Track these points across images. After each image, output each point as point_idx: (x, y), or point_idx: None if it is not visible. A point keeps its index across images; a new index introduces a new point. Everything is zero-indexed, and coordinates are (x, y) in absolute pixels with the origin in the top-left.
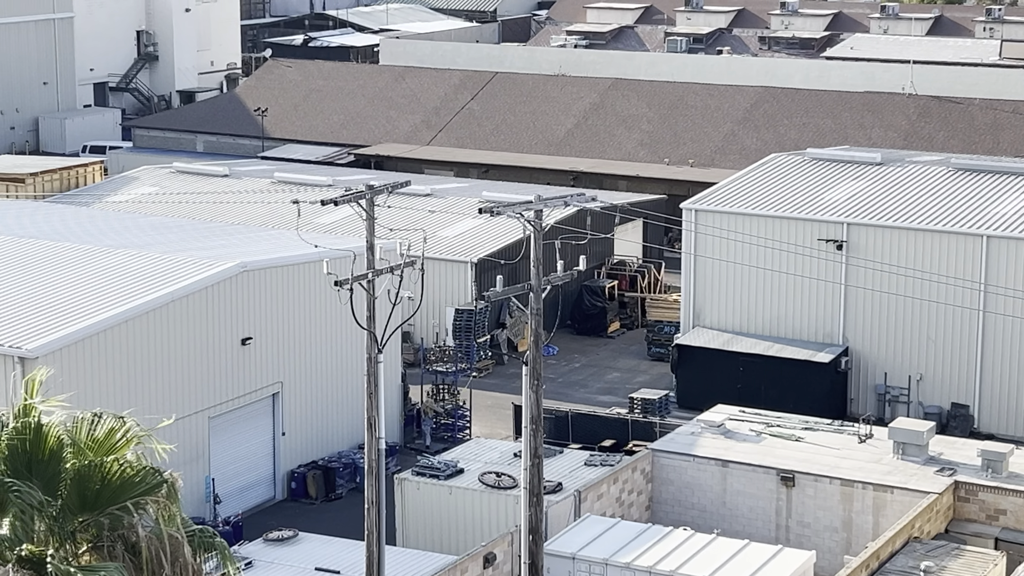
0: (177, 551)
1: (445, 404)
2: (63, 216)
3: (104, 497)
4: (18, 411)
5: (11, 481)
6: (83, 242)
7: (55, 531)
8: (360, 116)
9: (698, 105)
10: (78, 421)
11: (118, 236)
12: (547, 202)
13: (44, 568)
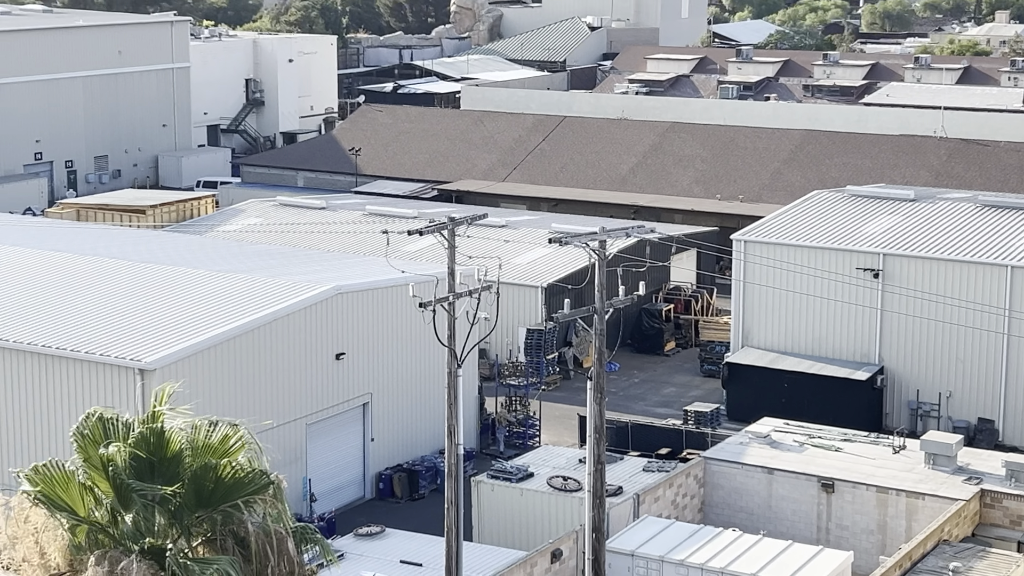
0: (282, 545)
1: (517, 414)
2: (179, 243)
3: (218, 496)
4: (146, 418)
5: (134, 481)
6: (196, 267)
7: (174, 526)
8: (443, 155)
9: (747, 146)
10: (197, 427)
11: (227, 262)
12: (610, 233)
13: (163, 559)
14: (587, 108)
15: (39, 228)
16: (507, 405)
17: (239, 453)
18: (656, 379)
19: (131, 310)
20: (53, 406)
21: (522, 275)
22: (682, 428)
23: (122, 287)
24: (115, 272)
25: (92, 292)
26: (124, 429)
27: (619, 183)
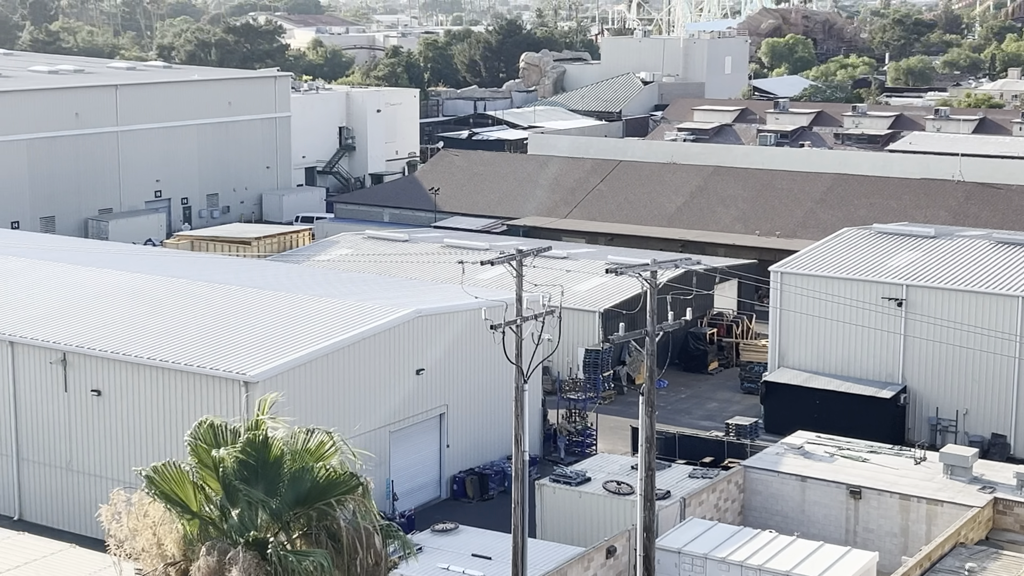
0: (369, 539)
1: (576, 425)
2: (279, 271)
3: (313, 495)
4: (250, 425)
5: (239, 484)
6: (294, 292)
7: (274, 521)
8: (512, 194)
9: (784, 188)
10: (295, 434)
11: (321, 288)
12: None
13: (265, 551)
14: (640, 153)
15: (158, 257)
16: (567, 417)
17: (333, 457)
18: (701, 395)
19: (238, 329)
20: (170, 413)
21: (581, 301)
22: (724, 439)
23: (230, 309)
24: (224, 296)
25: (204, 313)
26: (232, 435)
27: (668, 220)
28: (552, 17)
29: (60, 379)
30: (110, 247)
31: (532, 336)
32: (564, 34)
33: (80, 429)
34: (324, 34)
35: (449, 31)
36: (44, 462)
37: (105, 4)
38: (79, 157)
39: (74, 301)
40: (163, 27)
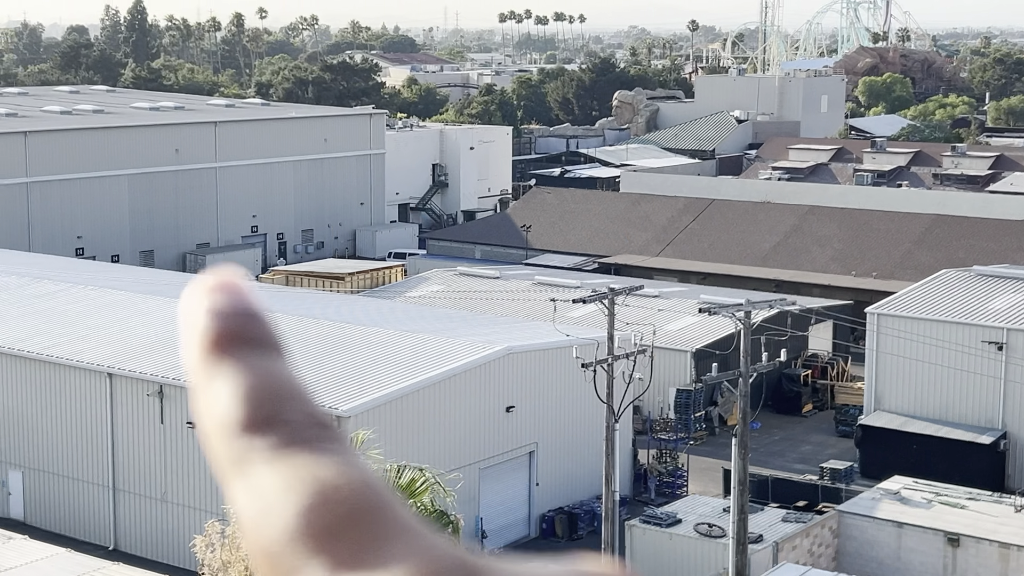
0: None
1: (667, 466)
2: (371, 307)
3: None
4: None
5: None
6: (386, 327)
7: None
8: (604, 232)
9: (881, 228)
10: (388, 470)
11: (413, 323)
12: (754, 305)
13: None
14: (734, 192)
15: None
16: (658, 457)
17: (424, 494)
18: (794, 438)
19: (330, 364)
20: None
21: (673, 340)
22: (818, 483)
23: (323, 344)
24: (317, 331)
25: (296, 347)
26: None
27: (762, 260)
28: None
29: (157, 411)
30: None
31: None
32: (658, 72)
33: (175, 461)
34: (419, 72)
35: (542, 69)
36: (139, 493)
37: (205, 42)
38: (178, 192)
39: (172, 334)
40: (261, 65)
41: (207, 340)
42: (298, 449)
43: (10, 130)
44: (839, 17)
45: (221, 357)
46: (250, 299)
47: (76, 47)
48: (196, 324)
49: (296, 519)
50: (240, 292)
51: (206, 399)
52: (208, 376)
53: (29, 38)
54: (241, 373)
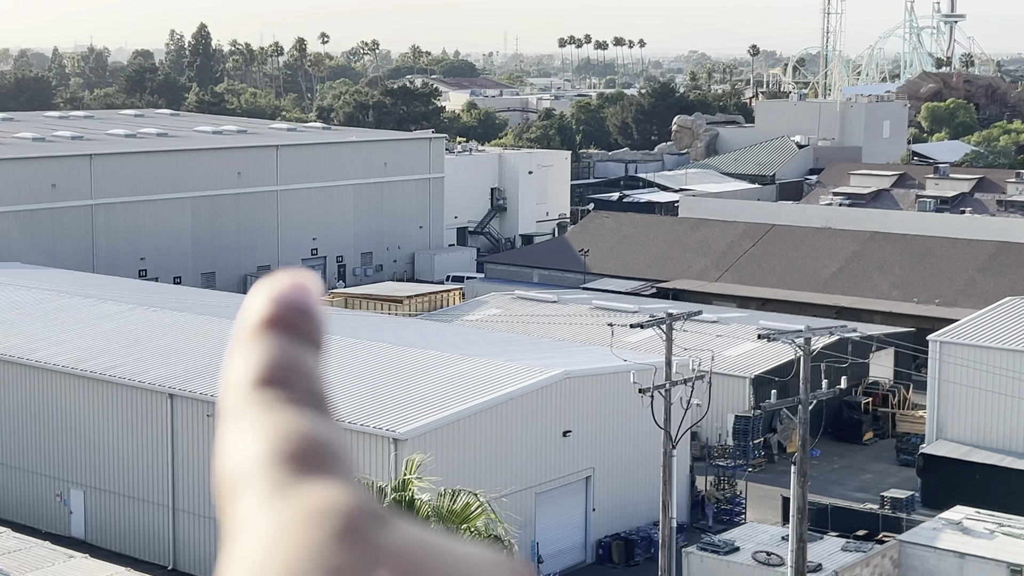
0: None
1: (725, 492)
2: (429, 330)
3: None
4: (397, 484)
5: None
6: (444, 351)
7: None
8: (662, 257)
9: (943, 255)
10: (442, 495)
11: (471, 347)
12: (815, 331)
13: None
14: (794, 217)
15: None
16: (716, 484)
17: (478, 519)
18: (854, 466)
19: (388, 386)
20: None
21: (732, 366)
22: (879, 512)
23: (381, 366)
24: (376, 353)
25: (356, 370)
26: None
27: (822, 286)
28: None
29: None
30: None
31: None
32: (717, 97)
33: None
34: (478, 96)
35: (602, 94)
36: (199, 513)
37: (268, 67)
38: (240, 215)
39: None
40: (323, 89)
41: (259, 319)
42: (289, 407)
43: (76, 153)
44: (902, 42)
45: (264, 334)
46: (311, 299)
47: (141, 71)
48: (256, 306)
49: (261, 448)
50: (304, 291)
51: (236, 360)
52: (247, 345)
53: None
54: (273, 347)
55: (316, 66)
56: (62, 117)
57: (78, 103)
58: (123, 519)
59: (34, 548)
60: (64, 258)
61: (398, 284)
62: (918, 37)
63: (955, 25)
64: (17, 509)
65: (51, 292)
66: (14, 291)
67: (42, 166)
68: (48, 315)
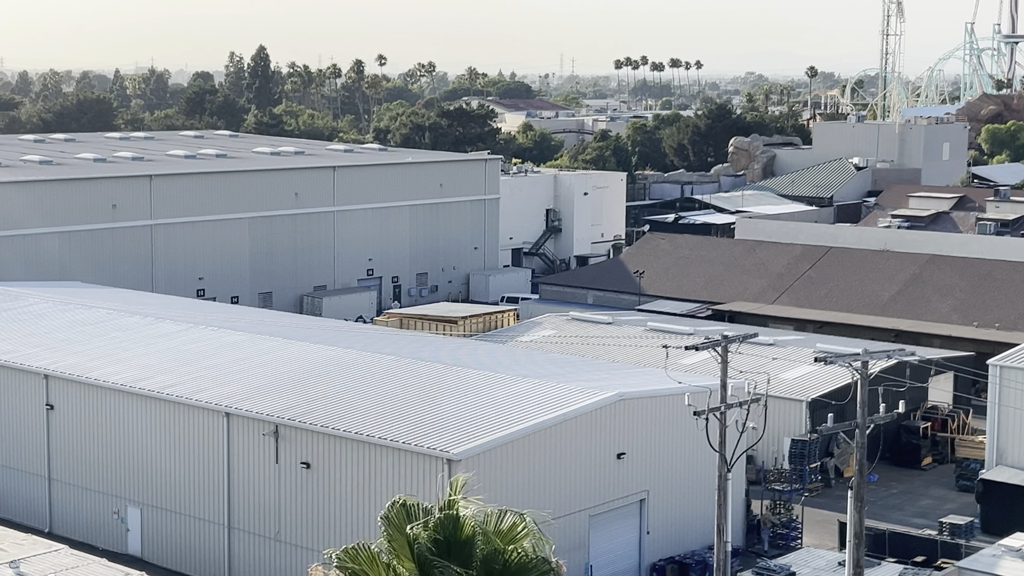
0: None
1: (781, 517)
2: (484, 350)
3: None
4: (444, 504)
5: (436, 559)
6: (498, 371)
7: None
8: (718, 279)
9: (1004, 279)
10: (489, 515)
11: (525, 368)
12: (873, 355)
13: None
14: (852, 240)
15: (369, 334)
16: (772, 508)
17: (525, 540)
18: (913, 491)
19: (443, 407)
20: (376, 487)
21: (788, 389)
22: (937, 538)
23: (436, 387)
24: (430, 374)
25: (411, 390)
26: (424, 514)
27: (880, 309)
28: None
29: (272, 451)
30: (324, 323)
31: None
32: (775, 119)
33: (289, 500)
34: (534, 118)
35: (658, 115)
36: (254, 531)
37: (326, 89)
38: (297, 235)
39: (288, 375)
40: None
41: None
42: None
43: (136, 173)
44: (962, 64)
45: None
46: None
47: (201, 93)
48: None
49: None
50: None
51: None
52: None
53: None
54: None
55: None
56: (123, 138)
57: (139, 124)
58: (179, 537)
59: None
60: (124, 277)
61: (453, 304)
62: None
63: (1016, 46)
64: (75, 526)
65: (111, 311)
66: (75, 310)
67: (103, 187)
68: (107, 334)
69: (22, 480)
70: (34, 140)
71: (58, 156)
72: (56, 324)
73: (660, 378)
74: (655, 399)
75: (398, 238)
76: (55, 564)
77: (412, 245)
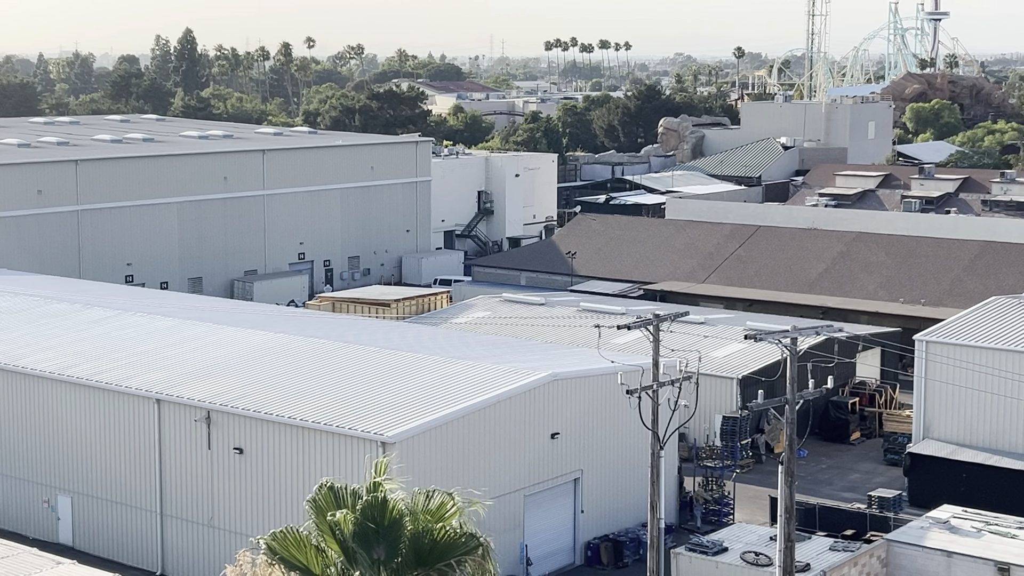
0: None
1: (713, 493)
2: (417, 333)
3: (434, 556)
4: (369, 487)
5: (354, 545)
6: (432, 354)
7: None
8: (648, 259)
9: (929, 255)
10: (416, 495)
11: (458, 350)
12: (801, 332)
13: None
14: (780, 219)
15: (301, 318)
16: (704, 485)
17: (453, 518)
18: (842, 466)
19: (376, 390)
20: (309, 472)
21: (719, 367)
22: (866, 512)
23: (369, 370)
24: (363, 357)
25: (344, 374)
26: (352, 497)
27: (808, 287)
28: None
29: (204, 437)
30: (254, 308)
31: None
32: (703, 99)
33: (222, 486)
34: (465, 100)
35: (588, 96)
36: (187, 518)
37: (254, 71)
38: (227, 220)
39: (219, 360)
40: (309, 94)
41: None
42: None
43: (62, 158)
44: (886, 44)
45: None
46: None
47: (127, 77)
48: None
49: None
50: None
51: None
52: None
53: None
54: None
55: (302, 71)
56: (48, 123)
57: (64, 109)
58: (111, 525)
59: (22, 555)
60: (51, 264)
61: (386, 288)
62: (902, 38)
63: (939, 25)
64: (4, 515)
65: (38, 298)
66: (0, 297)
67: (28, 172)
68: (35, 321)
69: None
70: None
71: None
72: None
73: (593, 358)
74: (588, 379)
75: (329, 221)
76: None
77: (344, 228)
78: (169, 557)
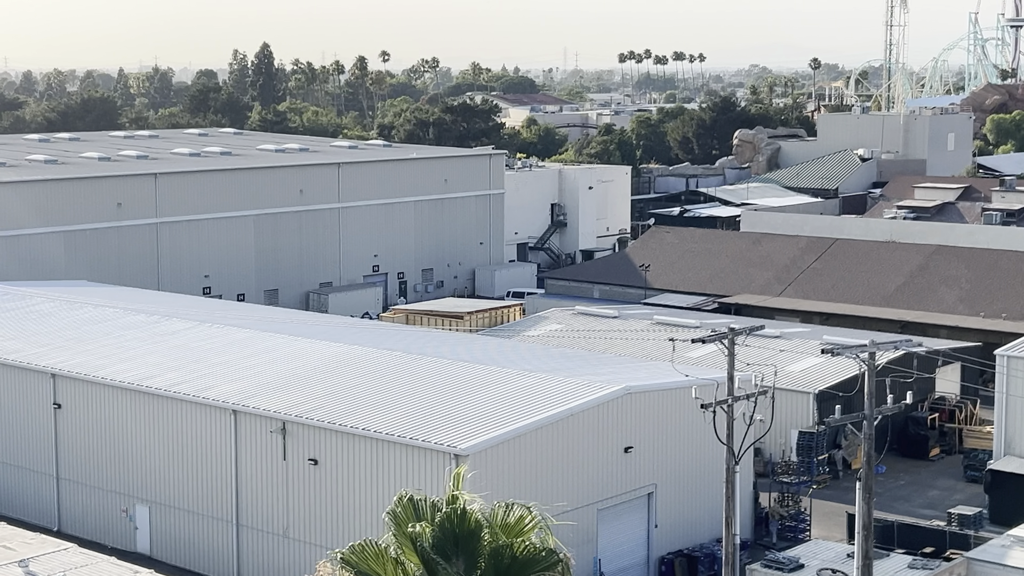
0: None
1: (789, 509)
2: (490, 346)
3: (513, 571)
4: (448, 499)
5: (436, 557)
6: (505, 366)
7: None
8: (723, 272)
9: (1010, 269)
10: (495, 508)
11: (531, 363)
12: (880, 346)
13: None
14: (857, 231)
15: (375, 330)
16: (780, 500)
17: (532, 532)
18: (921, 482)
19: (450, 402)
20: (383, 483)
21: (795, 382)
22: (946, 529)
23: (442, 382)
24: (437, 369)
25: (418, 386)
26: (431, 509)
27: (886, 300)
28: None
29: (279, 448)
30: (329, 320)
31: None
32: (779, 111)
33: (296, 497)
34: (538, 112)
35: (662, 108)
36: (262, 529)
37: (330, 86)
38: (302, 232)
39: (295, 372)
40: (384, 107)
41: None
42: None
43: (141, 172)
44: (966, 54)
45: None
46: None
47: (205, 91)
48: None
49: None
50: None
51: None
52: None
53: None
54: None
55: (377, 84)
56: (127, 137)
57: (143, 123)
58: (188, 534)
59: (100, 563)
60: (129, 276)
61: (459, 300)
62: (982, 48)
63: (1020, 34)
64: (84, 525)
65: (117, 310)
66: (81, 309)
67: (108, 185)
68: (114, 333)
69: (30, 479)
70: (39, 140)
71: (63, 155)
72: (62, 323)
73: (667, 371)
74: (662, 392)
75: (403, 234)
76: (64, 563)
77: (417, 241)
78: (245, 567)
